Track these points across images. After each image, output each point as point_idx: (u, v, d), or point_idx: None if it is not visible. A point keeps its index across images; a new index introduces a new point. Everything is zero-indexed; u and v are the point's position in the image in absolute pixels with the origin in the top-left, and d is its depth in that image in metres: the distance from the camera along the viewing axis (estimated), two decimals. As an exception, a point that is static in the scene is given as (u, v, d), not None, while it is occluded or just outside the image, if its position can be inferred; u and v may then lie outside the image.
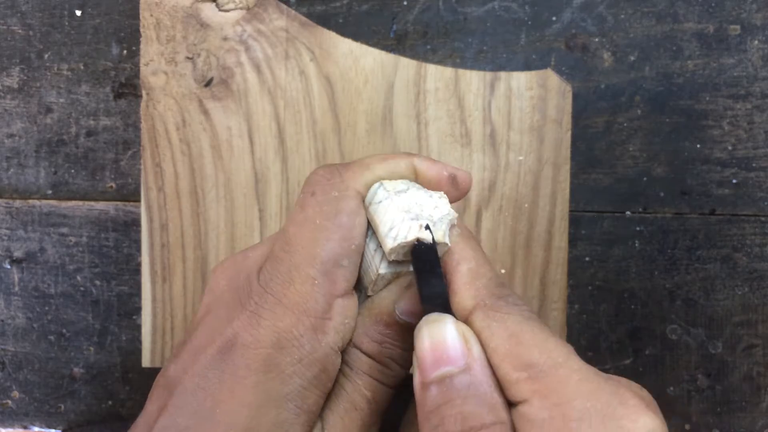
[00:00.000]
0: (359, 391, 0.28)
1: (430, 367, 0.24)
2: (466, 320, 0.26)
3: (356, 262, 0.28)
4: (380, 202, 0.28)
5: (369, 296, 0.30)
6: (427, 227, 0.27)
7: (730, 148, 0.45)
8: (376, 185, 0.29)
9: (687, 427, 0.45)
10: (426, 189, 0.29)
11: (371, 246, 0.29)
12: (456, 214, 0.28)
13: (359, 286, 0.30)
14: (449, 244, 0.28)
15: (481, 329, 0.25)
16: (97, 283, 0.47)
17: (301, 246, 0.27)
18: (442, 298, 0.26)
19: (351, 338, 0.29)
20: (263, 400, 0.26)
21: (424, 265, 0.27)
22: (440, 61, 0.45)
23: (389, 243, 0.27)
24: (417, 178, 0.30)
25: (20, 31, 0.47)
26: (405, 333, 0.28)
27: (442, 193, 0.29)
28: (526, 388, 0.23)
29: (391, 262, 0.28)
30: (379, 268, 0.28)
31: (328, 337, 0.27)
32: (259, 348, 0.26)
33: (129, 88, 0.46)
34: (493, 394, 0.24)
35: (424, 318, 0.25)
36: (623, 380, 0.24)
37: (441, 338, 0.24)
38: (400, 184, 0.29)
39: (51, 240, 0.47)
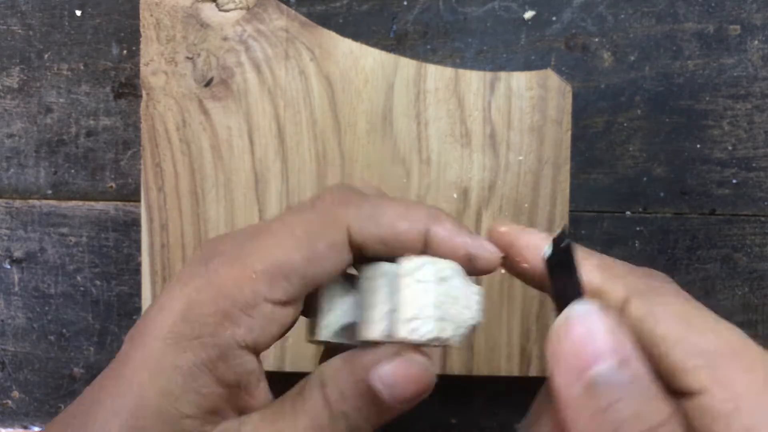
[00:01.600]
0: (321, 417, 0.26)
1: (579, 368, 0.21)
2: (621, 312, 0.23)
3: (304, 287, 0.26)
4: (419, 282, 0.25)
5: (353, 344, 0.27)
6: (563, 234, 0.24)
7: (730, 148, 0.45)
8: (426, 259, 0.26)
9: (687, 427, 0.45)
10: (469, 281, 0.26)
11: (381, 305, 0.26)
12: (481, 319, 0.26)
13: (345, 331, 0.27)
14: (458, 345, 0.26)
15: (643, 316, 0.22)
16: (97, 283, 0.47)
17: (266, 242, 0.26)
18: (579, 293, 0.23)
19: (266, 347, 0.26)
20: (157, 368, 0.25)
21: (559, 270, 0.23)
22: (440, 61, 0.45)
23: (402, 332, 0.25)
24: (426, 244, 0.27)
25: (20, 31, 0.47)
26: (375, 410, 0.25)
27: (480, 288, 0.26)
28: (705, 377, 0.21)
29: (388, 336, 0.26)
30: (374, 332, 0.26)
31: (237, 329, 0.25)
32: (171, 314, 0.25)
33: (129, 88, 0.46)
34: (658, 387, 0.21)
35: (564, 311, 0.22)
36: None
37: (587, 332, 0.21)
38: (447, 269, 0.26)
39: (51, 240, 0.47)
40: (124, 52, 0.46)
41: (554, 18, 0.45)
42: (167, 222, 0.44)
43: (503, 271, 0.42)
